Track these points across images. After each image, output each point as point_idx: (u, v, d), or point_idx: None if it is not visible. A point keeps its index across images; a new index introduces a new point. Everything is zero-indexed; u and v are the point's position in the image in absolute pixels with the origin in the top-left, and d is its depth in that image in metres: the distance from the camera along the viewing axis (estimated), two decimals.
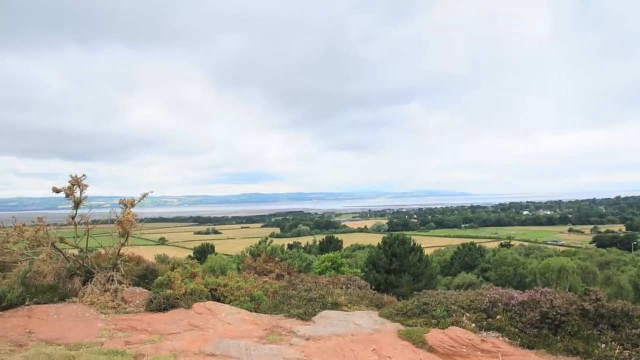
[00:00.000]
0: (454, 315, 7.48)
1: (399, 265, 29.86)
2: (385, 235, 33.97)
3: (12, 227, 9.66)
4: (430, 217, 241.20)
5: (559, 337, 6.61)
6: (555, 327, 6.73)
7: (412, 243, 31.78)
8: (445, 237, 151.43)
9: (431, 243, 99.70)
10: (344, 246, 77.21)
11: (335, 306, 8.61)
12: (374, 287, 11.66)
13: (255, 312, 8.62)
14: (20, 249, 9.86)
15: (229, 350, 6.23)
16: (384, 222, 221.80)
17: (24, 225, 9.48)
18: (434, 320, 7.46)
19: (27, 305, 8.25)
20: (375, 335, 7.14)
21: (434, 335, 6.67)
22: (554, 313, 6.75)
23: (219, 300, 8.88)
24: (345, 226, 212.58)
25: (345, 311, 8.47)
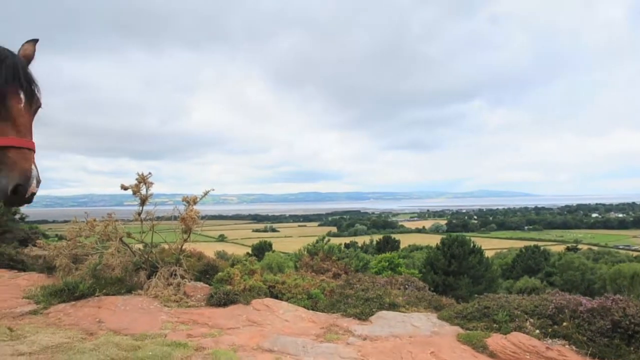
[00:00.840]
0: (517, 320, 7.20)
1: (458, 266, 29.24)
2: (444, 236, 33.36)
3: (84, 221, 10.24)
4: (491, 218, 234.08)
5: (632, 348, 6.21)
6: (628, 337, 6.33)
7: (472, 244, 31.06)
8: (507, 239, 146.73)
9: (492, 245, 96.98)
10: (401, 246, 76.35)
11: (393, 306, 8.52)
12: (432, 289, 11.46)
13: (312, 310, 8.67)
14: (91, 242, 10.43)
15: (286, 347, 6.29)
16: (443, 222, 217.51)
17: (94, 220, 10.02)
18: (495, 325, 7.21)
19: (97, 296, 8.69)
20: (433, 338, 7.00)
21: (495, 340, 6.45)
22: (627, 322, 6.34)
23: (276, 297, 9.00)
24: (402, 226, 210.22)
25: (403, 312, 8.36)
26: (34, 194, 2.37)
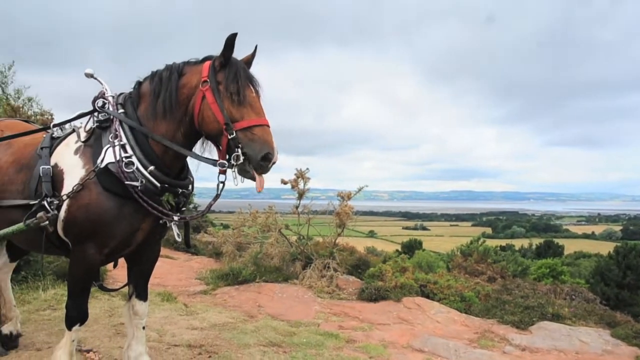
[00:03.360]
0: None
1: (636, 279, 25.79)
2: (618, 244, 29.65)
3: (247, 213, 11.10)
4: None
5: None
6: None
7: None
8: None
9: None
10: (565, 252, 69.74)
11: (556, 318, 7.80)
12: (603, 302, 10.27)
13: (465, 313, 8.32)
14: (253, 232, 11.24)
15: (437, 349, 6.12)
16: (617, 228, 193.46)
17: (256, 212, 10.80)
18: None
19: (257, 282, 9.34)
20: (605, 357, 6.27)
21: None
22: None
23: (427, 297, 8.82)
24: (567, 230, 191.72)
25: (568, 325, 7.60)
26: (274, 162, 2.93)
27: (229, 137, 2.89)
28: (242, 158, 2.86)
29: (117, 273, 7.92)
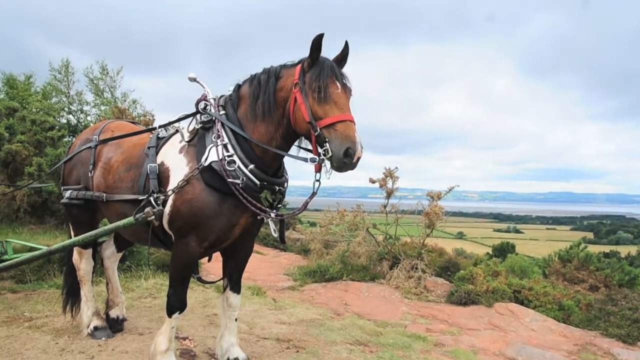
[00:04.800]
0: None
1: None
2: None
3: (335, 211, 11.19)
4: None
5: None
6: None
7: None
8: None
9: None
10: None
11: None
12: None
13: (564, 322, 7.81)
14: (340, 230, 11.32)
15: (532, 359, 5.81)
16: None
17: (344, 210, 10.86)
18: None
19: (344, 280, 9.38)
20: None
21: None
22: None
23: (521, 303, 8.38)
24: None
25: None
26: (359, 158, 2.91)
27: (316, 135, 2.97)
28: (330, 152, 2.90)
29: (210, 266, 8.31)
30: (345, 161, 2.88)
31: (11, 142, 11.31)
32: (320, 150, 2.97)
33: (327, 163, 2.99)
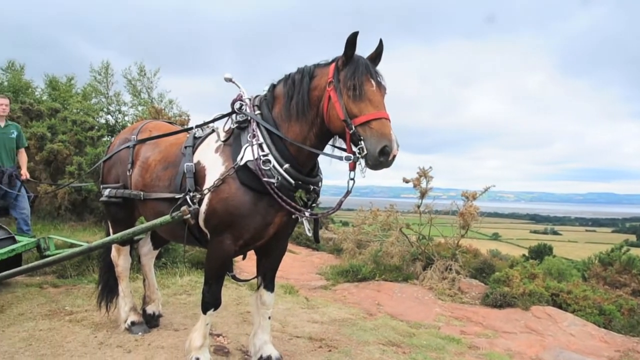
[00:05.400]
0: None
1: None
2: None
3: (368, 210, 11.15)
4: None
5: None
6: None
7: None
8: None
9: None
10: None
11: None
12: None
13: (604, 328, 7.57)
14: (373, 230, 11.27)
15: None
16: None
17: (377, 210, 10.81)
18: None
19: (377, 280, 9.33)
20: None
21: None
22: None
23: (559, 307, 8.15)
24: None
25: None
26: (395, 156, 2.88)
27: (351, 133, 2.96)
28: (365, 150, 2.88)
29: (244, 264, 8.40)
30: (381, 159, 2.85)
31: (53, 142, 11.71)
32: (354, 148, 2.96)
33: (362, 161, 2.97)
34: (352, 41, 3.01)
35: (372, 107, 2.95)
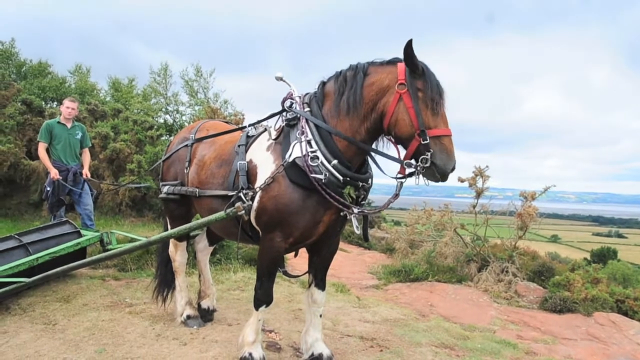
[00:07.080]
0: None
1: None
2: None
3: (422, 210, 10.98)
4: None
5: None
6: None
7: None
8: None
9: None
10: None
11: None
12: None
13: None
14: (426, 230, 11.09)
15: None
16: None
17: (431, 209, 10.63)
18: None
19: (429, 281, 9.17)
20: None
21: None
22: None
23: (625, 314, 7.74)
24: None
25: None
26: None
27: (421, 143, 3.00)
28: (429, 162, 2.98)
29: (296, 262, 8.45)
30: (449, 175, 3.05)
31: (116, 141, 12.24)
32: (424, 157, 3.02)
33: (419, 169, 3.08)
34: (411, 51, 2.98)
35: (444, 123, 3.05)
